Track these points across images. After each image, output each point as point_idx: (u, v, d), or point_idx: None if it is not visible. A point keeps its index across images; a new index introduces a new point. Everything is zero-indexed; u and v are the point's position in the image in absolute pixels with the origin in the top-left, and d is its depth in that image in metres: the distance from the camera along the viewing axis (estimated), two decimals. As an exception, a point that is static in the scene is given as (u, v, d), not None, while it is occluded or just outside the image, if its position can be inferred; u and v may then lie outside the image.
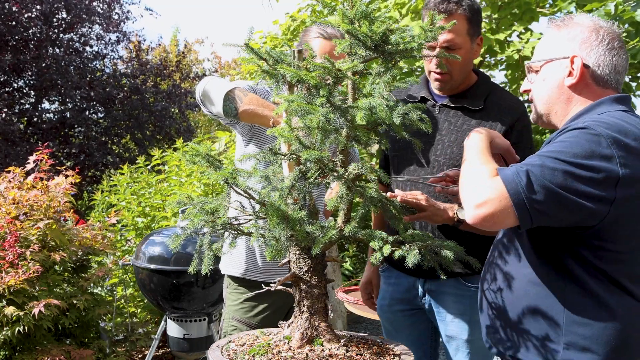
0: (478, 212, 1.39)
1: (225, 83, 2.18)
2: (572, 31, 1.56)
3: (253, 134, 2.36)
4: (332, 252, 4.36)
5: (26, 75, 11.54)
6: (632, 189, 1.40)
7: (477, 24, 2.10)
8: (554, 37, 1.60)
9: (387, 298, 2.33)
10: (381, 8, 4.90)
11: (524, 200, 1.35)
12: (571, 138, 1.40)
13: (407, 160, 2.21)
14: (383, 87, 1.58)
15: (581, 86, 1.55)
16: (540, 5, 5.02)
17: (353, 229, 1.58)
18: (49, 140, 10.61)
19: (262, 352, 1.59)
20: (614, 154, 1.37)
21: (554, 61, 1.57)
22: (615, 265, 1.45)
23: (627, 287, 1.46)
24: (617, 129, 1.41)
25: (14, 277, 2.94)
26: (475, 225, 1.41)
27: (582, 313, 1.46)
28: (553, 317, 1.50)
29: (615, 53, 1.53)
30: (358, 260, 5.89)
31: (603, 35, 1.53)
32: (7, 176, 3.51)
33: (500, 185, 1.37)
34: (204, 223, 1.64)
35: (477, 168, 1.48)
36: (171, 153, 5.43)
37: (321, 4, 5.38)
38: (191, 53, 16.32)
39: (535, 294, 1.52)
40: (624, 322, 1.46)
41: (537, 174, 1.36)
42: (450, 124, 2.14)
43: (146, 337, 3.89)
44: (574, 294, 1.47)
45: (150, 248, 3.44)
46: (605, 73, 1.53)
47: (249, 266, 2.38)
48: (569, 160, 1.36)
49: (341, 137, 1.57)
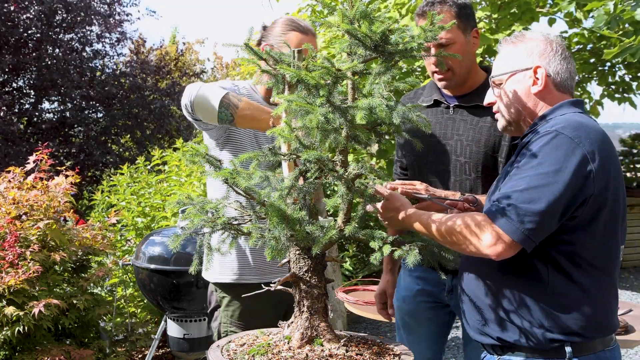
0: (496, 251, 1.55)
1: (217, 89, 2.14)
2: (529, 45, 1.74)
3: (228, 139, 2.32)
4: (332, 252, 4.36)
5: (26, 75, 11.54)
6: (601, 182, 1.56)
7: (466, 17, 2.13)
8: (512, 52, 1.76)
9: (411, 289, 2.33)
10: (381, 8, 4.90)
11: (523, 234, 1.52)
12: (544, 147, 1.56)
13: (428, 163, 2.23)
14: (383, 87, 1.58)
15: (545, 93, 1.71)
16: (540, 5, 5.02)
17: (353, 229, 1.58)
18: (48, 140, 10.60)
19: (262, 352, 1.59)
20: (585, 152, 1.53)
21: (517, 73, 1.73)
22: (591, 251, 1.60)
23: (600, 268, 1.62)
24: (580, 127, 1.58)
25: (14, 277, 2.94)
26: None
27: (562, 296, 1.60)
28: (536, 301, 1.62)
29: (568, 61, 1.73)
30: (358, 260, 5.89)
31: (556, 46, 1.73)
32: (7, 176, 3.51)
33: (494, 228, 1.55)
34: (204, 223, 1.64)
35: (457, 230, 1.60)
36: (171, 153, 5.43)
37: (321, 4, 5.38)
38: (191, 53, 16.31)
39: (516, 281, 1.64)
40: (600, 299, 1.62)
41: (522, 206, 1.52)
42: (467, 123, 2.16)
43: (146, 337, 3.89)
44: (554, 279, 1.60)
45: (150, 248, 3.44)
46: (564, 79, 1.72)
47: (243, 269, 2.31)
48: (545, 172, 1.53)
49: (341, 137, 1.57)
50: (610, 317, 1.66)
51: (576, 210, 1.56)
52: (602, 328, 1.64)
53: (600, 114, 6.74)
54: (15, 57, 10.64)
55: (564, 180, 1.52)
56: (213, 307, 2.42)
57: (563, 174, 1.52)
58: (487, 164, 2.13)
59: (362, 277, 5.41)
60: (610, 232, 1.62)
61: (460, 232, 1.59)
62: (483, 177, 2.13)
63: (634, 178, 8.29)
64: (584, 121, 1.62)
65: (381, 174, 1.61)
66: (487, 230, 1.55)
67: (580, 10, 5.33)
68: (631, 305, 3.24)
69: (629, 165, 8.35)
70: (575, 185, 1.53)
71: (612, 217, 1.61)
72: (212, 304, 2.43)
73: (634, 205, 7.65)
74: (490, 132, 2.13)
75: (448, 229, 1.61)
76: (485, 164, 2.13)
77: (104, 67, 12.68)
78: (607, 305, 1.65)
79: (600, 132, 1.61)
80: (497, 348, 1.72)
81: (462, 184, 2.15)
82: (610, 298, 1.66)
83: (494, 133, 2.12)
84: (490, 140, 2.13)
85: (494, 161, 2.13)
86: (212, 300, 2.43)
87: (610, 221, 1.61)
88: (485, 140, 2.13)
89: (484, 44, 4.70)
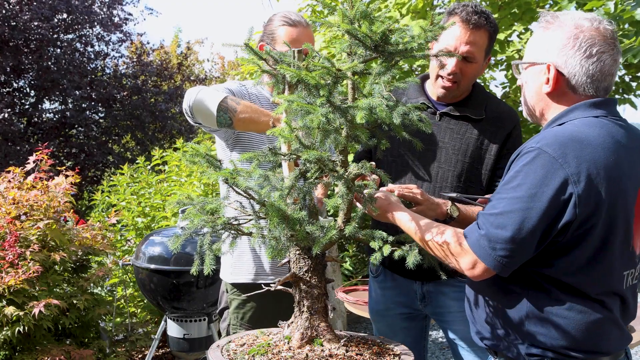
0: (473, 274, 1.51)
1: (215, 93, 2.14)
2: (554, 34, 1.54)
3: (237, 140, 2.33)
4: (332, 252, 4.36)
5: (27, 75, 11.53)
6: (589, 207, 1.42)
7: (492, 44, 2.13)
8: (539, 39, 1.59)
9: (384, 302, 2.33)
10: (381, 8, 4.90)
11: (495, 260, 1.46)
12: (525, 167, 1.44)
13: (405, 167, 2.21)
14: (383, 87, 1.58)
15: (557, 94, 1.55)
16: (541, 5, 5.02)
17: (353, 229, 1.58)
18: (49, 140, 10.60)
19: (262, 352, 1.59)
20: (567, 174, 1.40)
21: (535, 65, 1.58)
22: (573, 276, 1.49)
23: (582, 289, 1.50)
24: (570, 142, 1.43)
25: (14, 277, 2.94)
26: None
27: (543, 313, 1.51)
28: (516, 315, 1.55)
29: (595, 59, 1.49)
30: (358, 260, 5.89)
31: (581, 41, 1.50)
32: (7, 176, 3.51)
33: (471, 253, 1.50)
34: (204, 223, 1.64)
35: (439, 245, 1.57)
36: (171, 153, 5.42)
37: (321, 4, 5.38)
38: (191, 53, 16.30)
39: (496, 293, 1.60)
40: (583, 322, 1.49)
41: (493, 231, 1.45)
42: (453, 132, 2.15)
43: (146, 337, 3.89)
44: (533, 298, 1.52)
45: (150, 248, 3.44)
46: (581, 82, 1.52)
47: (258, 270, 2.33)
48: (520, 197, 1.42)
49: (341, 137, 1.57)
50: (596, 341, 1.51)
51: (557, 235, 1.44)
52: (585, 350, 1.51)
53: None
54: (16, 57, 10.63)
55: (539, 207, 1.40)
56: (223, 307, 2.44)
57: (539, 200, 1.40)
58: (470, 175, 2.13)
59: (362, 277, 5.41)
60: (601, 258, 1.46)
61: (442, 248, 1.55)
62: (464, 187, 2.13)
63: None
64: (582, 134, 1.44)
65: (382, 175, 1.61)
66: (465, 253, 1.50)
67: (581, 10, 5.33)
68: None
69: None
70: (552, 212, 1.40)
71: (604, 242, 1.45)
72: (222, 304, 2.45)
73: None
74: (476, 145, 2.13)
75: (432, 243, 1.58)
76: (468, 175, 2.13)
77: (104, 68, 12.68)
78: (592, 328, 1.50)
79: (599, 147, 1.43)
80: (491, 352, 1.69)
81: (443, 191, 2.13)
82: (598, 322, 1.50)
83: (480, 145, 2.13)
84: (475, 152, 2.13)
85: (477, 173, 2.13)
86: (222, 300, 2.45)
87: (602, 247, 1.45)
88: (472, 151, 2.13)
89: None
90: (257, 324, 2.28)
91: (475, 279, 1.53)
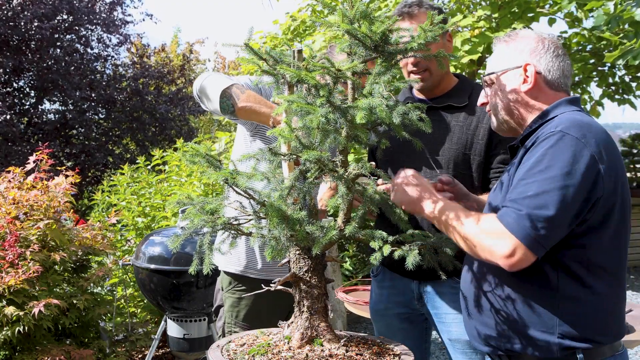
0: (512, 262, 1.49)
1: (223, 79, 2.15)
2: (520, 43, 1.70)
3: (258, 129, 2.34)
4: (332, 252, 4.36)
5: (27, 76, 11.53)
6: (610, 183, 1.51)
7: (440, 21, 2.14)
8: (504, 51, 1.73)
9: (383, 302, 2.33)
10: (381, 8, 4.90)
11: (536, 241, 1.47)
12: (550, 149, 1.50)
13: (398, 162, 2.20)
14: (383, 87, 1.58)
15: (536, 91, 1.67)
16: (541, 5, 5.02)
17: (353, 229, 1.58)
18: (49, 140, 10.59)
19: (262, 352, 1.59)
20: (592, 152, 1.48)
21: (508, 71, 1.70)
22: (601, 254, 1.55)
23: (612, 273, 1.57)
24: (585, 126, 1.52)
25: (14, 277, 2.94)
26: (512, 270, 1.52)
27: (573, 302, 1.54)
28: (546, 308, 1.55)
29: (562, 59, 1.68)
30: (358, 260, 5.89)
31: (548, 44, 1.68)
32: (7, 176, 3.51)
33: (510, 237, 1.48)
34: (204, 223, 1.64)
35: (472, 225, 1.56)
36: (171, 153, 5.43)
37: (321, 4, 5.38)
38: (192, 53, 16.29)
39: (526, 288, 1.58)
40: (611, 304, 1.57)
41: (534, 212, 1.46)
42: (440, 123, 2.17)
43: (146, 337, 3.88)
44: (565, 284, 1.54)
45: (150, 248, 3.44)
46: (556, 77, 1.67)
47: (249, 263, 2.35)
48: (554, 176, 1.47)
49: (341, 137, 1.57)
50: (620, 322, 1.61)
51: (587, 213, 1.50)
52: (614, 333, 1.59)
53: (600, 114, 6.74)
54: (17, 57, 10.63)
55: (574, 183, 1.45)
56: (218, 305, 2.43)
57: (573, 177, 1.46)
58: (458, 160, 2.14)
59: (362, 277, 5.41)
60: (619, 234, 1.56)
61: (476, 237, 1.53)
62: (453, 174, 2.13)
63: (634, 178, 8.32)
64: (587, 120, 1.56)
65: (382, 174, 1.61)
66: (504, 239, 1.48)
67: (581, 10, 5.33)
68: (631, 305, 3.23)
69: (629, 165, 8.39)
70: (586, 187, 1.47)
71: (621, 217, 1.55)
72: (217, 302, 2.44)
73: (634, 205, 7.67)
74: (462, 130, 2.15)
75: (464, 233, 1.55)
76: (456, 161, 2.14)
77: (104, 69, 12.67)
78: (617, 309, 1.59)
79: (603, 132, 1.55)
80: (503, 357, 1.66)
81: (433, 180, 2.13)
82: (619, 302, 1.61)
83: (466, 131, 2.15)
84: (462, 138, 2.15)
85: (466, 159, 2.15)
86: (217, 298, 2.44)
87: (620, 222, 1.55)
88: (458, 137, 2.15)
89: (485, 43, 4.70)
90: (252, 322, 2.29)
91: (511, 268, 1.49)
